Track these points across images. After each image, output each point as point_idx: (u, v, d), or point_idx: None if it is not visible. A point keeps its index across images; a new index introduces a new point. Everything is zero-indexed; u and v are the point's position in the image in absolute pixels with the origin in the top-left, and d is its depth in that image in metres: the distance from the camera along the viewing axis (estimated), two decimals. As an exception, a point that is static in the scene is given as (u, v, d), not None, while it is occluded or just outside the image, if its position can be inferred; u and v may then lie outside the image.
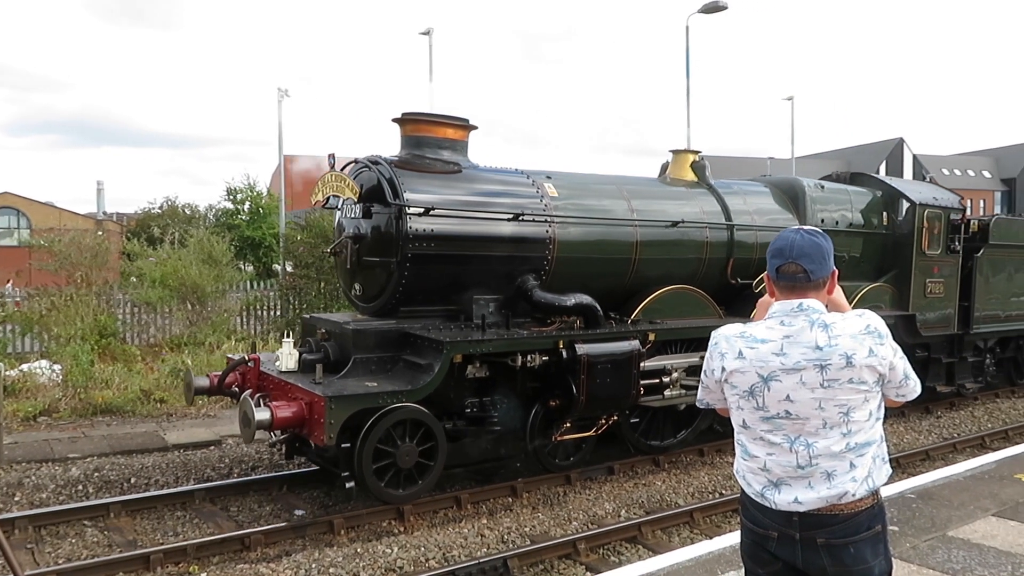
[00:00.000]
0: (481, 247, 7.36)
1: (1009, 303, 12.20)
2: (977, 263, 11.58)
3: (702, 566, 4.61)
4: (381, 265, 7.17)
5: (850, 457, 2.39)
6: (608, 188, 8.48)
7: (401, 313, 7.30)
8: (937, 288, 10.96)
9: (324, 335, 7.28)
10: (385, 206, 7.08)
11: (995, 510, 5.61)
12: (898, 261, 10.70)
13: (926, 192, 11.22)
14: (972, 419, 11.20)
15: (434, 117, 7.61)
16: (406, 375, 6.76)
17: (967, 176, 71.17)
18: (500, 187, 7.68)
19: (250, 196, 24.46)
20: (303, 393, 6.29)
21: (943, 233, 10.94)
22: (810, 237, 2.50)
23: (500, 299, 7.50)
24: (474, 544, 6.14)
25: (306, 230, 15.53)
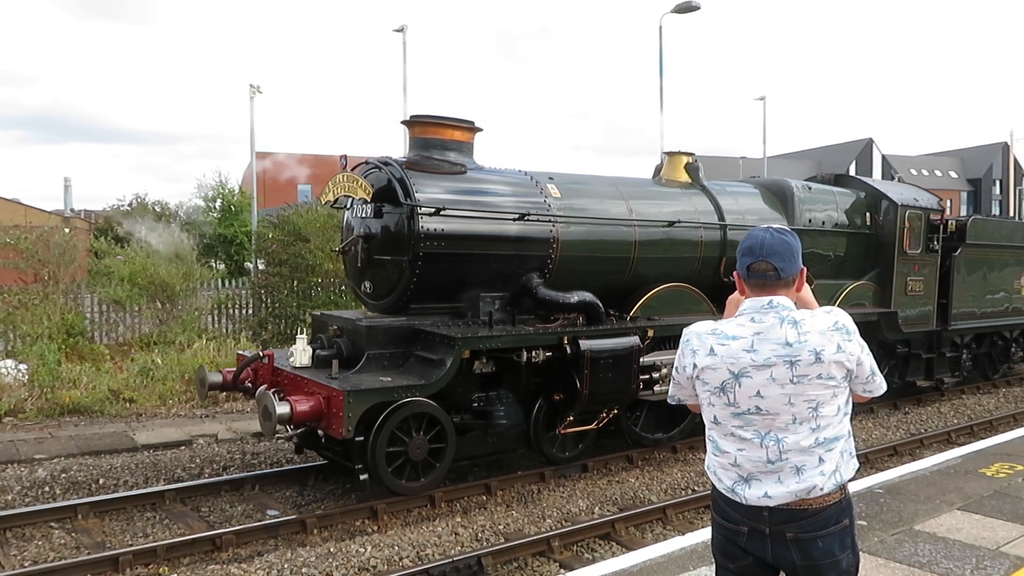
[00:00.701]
0: (488, 246, 7.58)
1: (984, 300, 12.59)
2: (955, 262, 11.91)
3: (674, 562, 4.64)
4: (392, 263, 7.37)
5: (819, 452, 2.43)
6: (607, 189, 8.73)
7: (411, 310, 7.50)
8: (917, 286, 11.34)
9: (336, 331, 7.46)
10: (395, 206, 7.26)
11: (960, 504, 5.71)
12: (881, 260, 11.04)
13: (907, 193, 11.56)
14: (939, 415, 11.41)
15: (442, 119, 7.77)
16: (417, 370, 6.95)
17: (934, 176, 72.35)
18: (505, 188, 7.90)
19: (222, 193, 24.19)
20: (320, 388, 6.44)
21: (923, 233, 11.31)
22: (779, 236, 2.53)
23: (505, 296, 7.73)
24: (448, 543, 6.13)
25: (279, 228, 15.38)
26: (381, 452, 6.47)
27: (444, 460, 6.88)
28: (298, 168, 52.10)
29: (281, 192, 43.59)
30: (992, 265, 12.73)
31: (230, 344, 12.44)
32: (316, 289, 14.63)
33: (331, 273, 14.38)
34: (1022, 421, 10.62)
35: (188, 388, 11.06)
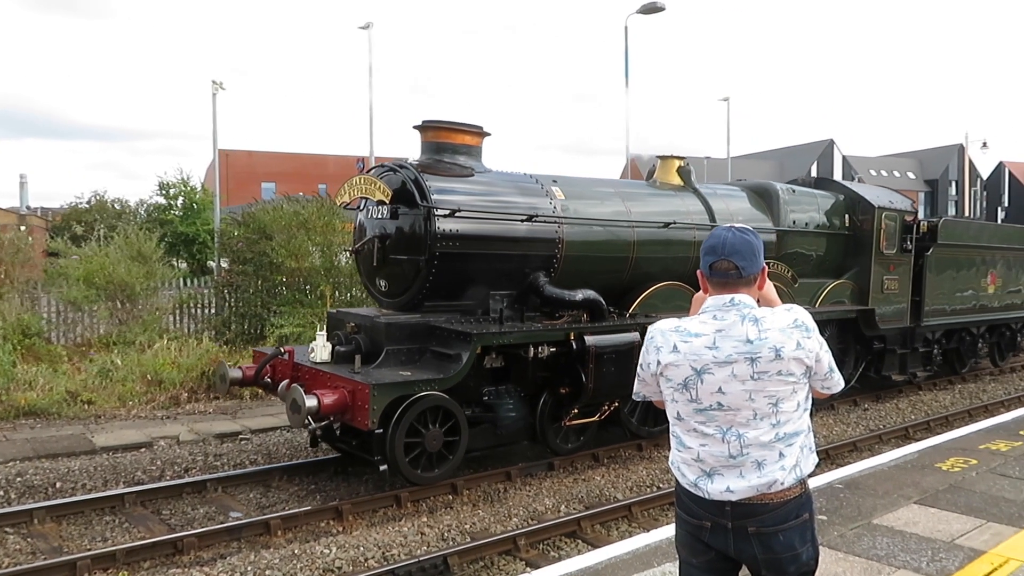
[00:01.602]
0: (499, 246, 7.91)
1: (954, 298, 13.11)
2: (927, 261, 12.39)
3: (639, 558, 4.68)
4: (408, 262, 7.66)
5: (779, 447, 2.46)
6: (607, 191, 9.16)
7: (425, 307, 7.78)
8: (893, 285, 11.82)
9: (354, 328, 7.72)
10: (411, 207, 7.55)
11: (917, 498, 5.83)
12: (859, 259, 11.53)
13: (883, 196, 12.08)
14: (897, 411, 11.64)
15: (453, 124, 8.11)
16: (434, 365, 7.25)
17: (893, 177, 73.80)
18: (514, 190, 8.23)
19: (183, 191, 23.81)
20: (345, 382, 6.70)
21: (898, 234, 11.80)
22: (741, 235, 2.56)
23: (513, 294, 8.03)
24: (414, 542, 6.11)
25: (243, 226, 15.17)
26: (400, 443, 6.73)
27: (458, 451, 7.14)
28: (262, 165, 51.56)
29: (245, 189, 43.09)
30: (961, 264, 13.24)
31: (192, 344, 12.23)
32: (281, 288, 14.47)
33: (297, 272, 14.23)
34: (976, 417, 10.87)
35: (149, 389, 10.88)
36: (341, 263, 14.84)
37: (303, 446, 8.99)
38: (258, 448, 8.85)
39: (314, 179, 52.01)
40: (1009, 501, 5.75)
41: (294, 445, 9.00)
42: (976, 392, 13.30)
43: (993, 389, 13.62)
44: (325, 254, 14.44)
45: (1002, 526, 5.22)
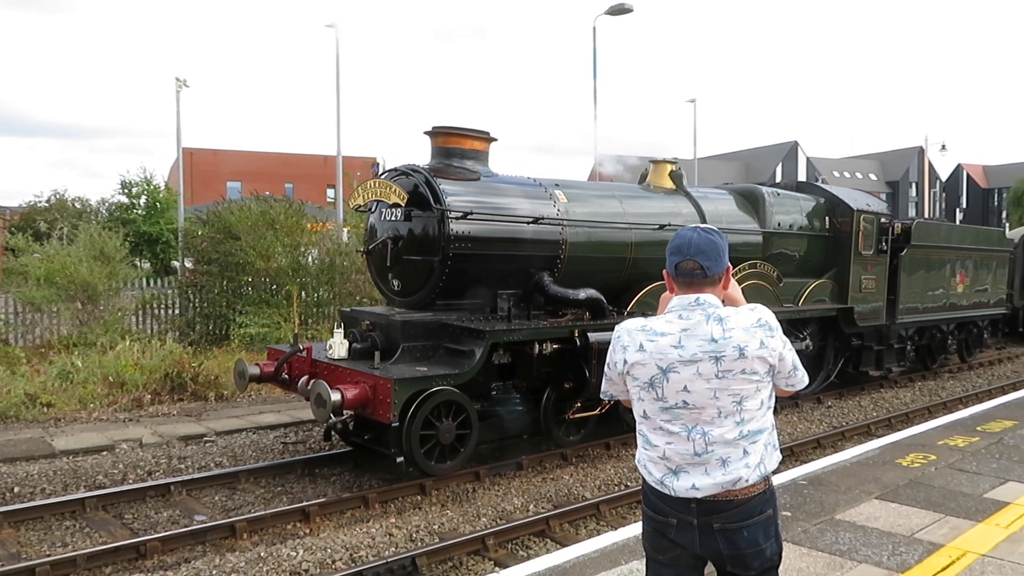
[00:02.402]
0: (507, 247, 8.25)
1: (926, 297, 13.68)
2: (901, 262, 12.90)
3: (607, 556, 4.70)
4: (422, 263, 7.97)
5: (743, 444, 2.50)
6: (606, 195, 9.54)
7: (437, 306, 8.10)
8: (870, 284, 12.31)
9: (369, 326, 7.97)
10: (424, 210, 7.85)
11: (878, 493, 5.94)
12: (838, 260, 11.99)
13: (861, 199, 12.55)
14: (859, 408, 11.84)
15: (462, 130, 8.41)
16: (447, 361, 7.56)
17: (855, 178, 75.08)
18: (520, 194, 8.55)
19: (146, 190, 23.41)
20: (366, 377, 6.97)
21: (875, 235, 12.29)
22: (706, 235, 2.59)
23: (519, 293, 8.35)
24: (382, 544, 6.08)
25: (208, 225, 14.98)
26: (416, 436, 6.97)
27: (469, 444, 7.41)
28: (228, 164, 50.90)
29: (210, 189, 42.52)
30: (932, 265, 13.81)
31: (155, 345, 12.04)
32: (247, 288, 14.31)
33: (264, 272, 14.08)
34: (936, 413, 11.10)
35: (111, 391, 10.69)
36: (308, 263, 14.73)
37: (270, 447, 8.91)
38: (223, 450, 8.74)
39: (281, 178, 51.49)
40: (966, 496, 5.89)
41: (260, 447, 8.91)
42: (935, 389, 13.58)
43: (952, 386, 13.92)
44: (292, 254, 14.31)
45: (960, 520, 5.34)
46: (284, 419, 10.09)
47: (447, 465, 7.33)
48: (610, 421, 9.03)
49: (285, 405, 11.03)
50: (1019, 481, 6.26)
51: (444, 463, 7.28)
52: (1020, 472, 6.53)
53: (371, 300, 14.76)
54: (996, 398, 10.85)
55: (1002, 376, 15.19)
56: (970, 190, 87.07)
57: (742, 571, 2.57)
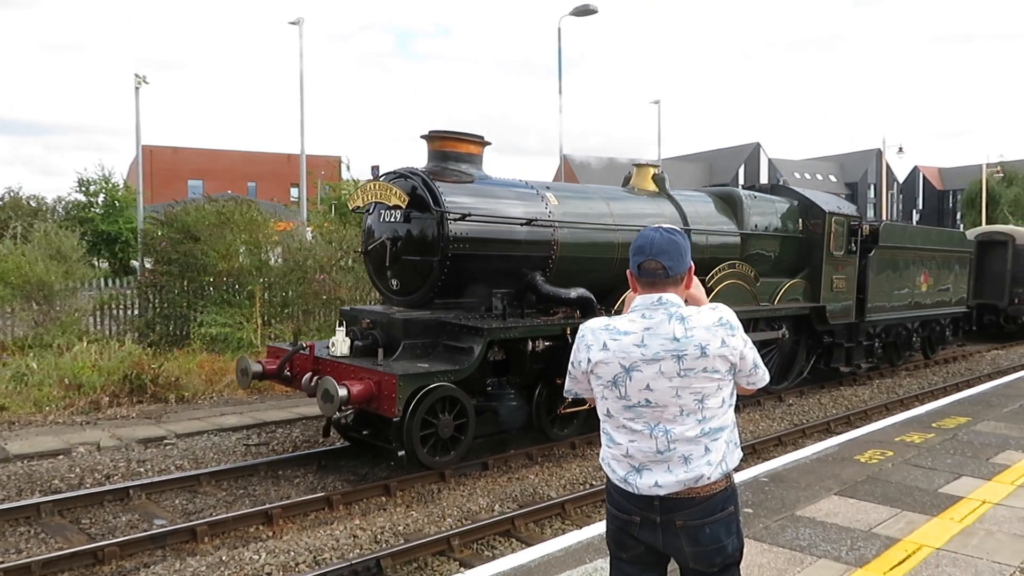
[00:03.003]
0: (502, 248, 8.53)
1: (893, 296, 14.26)
2: (869, 262, 13.43)
3: (572, 555, 4.72)
4: (422, 263, 8.21)
5: (705, 441, 2.52)
6: (593, 197, 9.87)
7: (435, 304, 8.36)
8: (841, 283, 12.81)
9: (369, 324, 8.12)
10: (423, 212, 8.09)
11: (837, 489, 6.04)
12: (811, 260, 12.45)
13: (832, 202, 13.17)
14: (819, 406, 12.04)
15: (458, 135, 8.70)
16: (446, 357, 7.79)
17: (816, 180, 76.31)
18: (514, 196, 8.87)
19: (105, 188, 22.93)
20: (370, 373, 7.17)
21: (845, 236, 12.78)
22: (668, 236, 2.61)
23: (512, 292, 8.60)
24: (346, 545, 6.03)
25: (168, 225, 14.71)
26: (417, 431, 7.21)
27: (466, 438, 7.67)
28: (189, 162, 50.12)
29: (171, 187, 41.82)
30: (898, 265, 14.38)
31: (114, 346, 11.80)
32: (208, 288, 14.09)
33: (225, 272, 13.88)
34: (893, 410, 11.32)
35: (67, 394, 10.45)
36: (272, 262, 14.56)
37: (232, 449, 8.79)
38: (184, 453, 8.61)
39: (244, 177, 50.86)
40: (922, 491, 6.02)
41: (222, 449, 8.79)
42: (893, 387, 13.87)
43: (909, 384, 14.23)
44: (253, 253, 14.13)
45: (915, 514, 5.45)
46: (246, 421, 9.96)
47: (446, 459, 7.56)
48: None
49: (247, 407, 10.89)
50: (972, 476, 6.42)
51: (442, 457, 7.53)
52: (973, 467, 6.69)
53: (339, 300, 14.65)
54: (951, 395, 11.11)
55: (956, 374, 15.57)
56: (926, 192, 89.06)
57: (704, 567, 2.59)
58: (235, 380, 11.70)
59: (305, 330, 14.06)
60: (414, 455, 7.30)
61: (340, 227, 16.23)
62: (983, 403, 9.74)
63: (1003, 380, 12.06)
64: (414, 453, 7.28)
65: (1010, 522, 5.29)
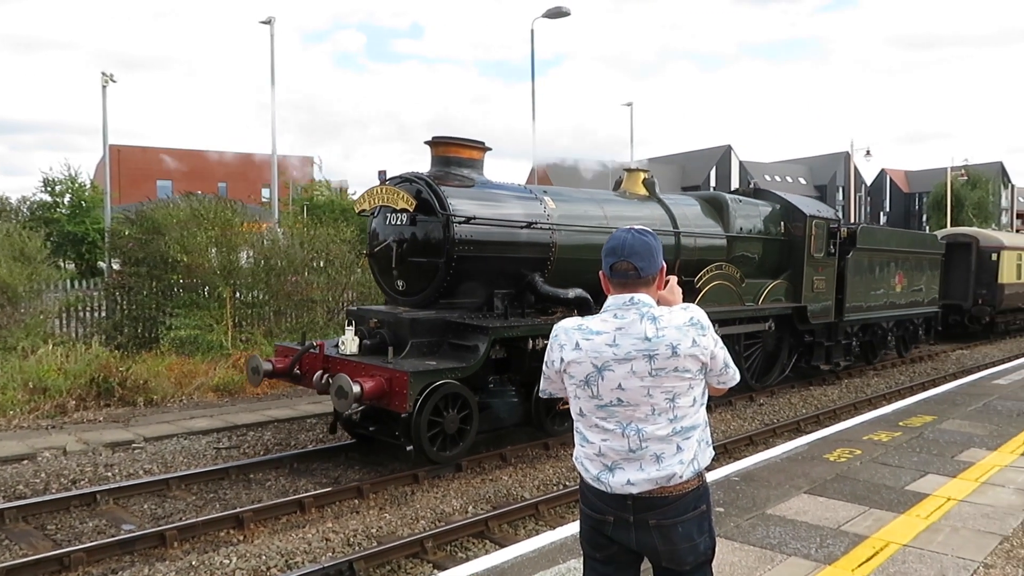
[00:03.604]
0: (504, 250, 8.76)
1: (869, 296, 14.77)
2: (847, 263, 13.89)
3: (545, 556, 4.73)
4: (428, 264, 8.46)
5: (676, 440, 2.54)
6: (588, 201, 10.21)
7: (440, 304, 8.59)
8: (821, 284, 13.29)
9: (377, 324, 8.40)
10: (429, 215, 8.34)
11: (807, 488, 6.12)
12: (792, 262, 12.89)
13: (812, 206, 13.68)
14: (789, 406, 12.18)
15: (461, 140, 9.01)
16: (452, 355, 8.03)
17: (786, 182, 77.16)
18: (514, 200, 9.15)
19: (71, 188, 22.54)
20: (382, 371, 7.39)
21: (825, 239, 13.24)
22: (640, 237, 2.64)
23: (513, 292, 8.89)
24: (318, 549, 5.99)
25: (136, 225, 14.49)
26: (424, 426, 7.45)
27: (470, 433, 7.93)
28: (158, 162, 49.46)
29: (139, 187, 41.24)
30: (875, 266, 14.87)
31: (80, 349, 11.59)
32: (177, 290, 13.91)
33: (193, 272, 13.70)
34: (861, 409, 11.49)
35: (32, 398, 10.26)
36: (241, 263, 14.39)
37: (202, 453, 8.69)
38: (153, 457, 8.49)
39: (214, 177, 50.25)
40: (889, 488, 6.12)
41: (192, 453, 8.69)
42: (861, 387, 14.08)
43: (876, 383, 14.45)
44: (224, 253, 13.96)
45: (883, 512, 5.54)
46: (217, 424, 9.85)
47: (451, 453, 7.84)
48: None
49: (217, 410, 10.78)
50: (938, 474, 6.54)
51: (448, 451, 7.81)
52: (939, 465, 6.81)
53: (311, 301, 14.54)
54: (917, 394, 11.30)
55: (922, 373, 15.85)
56: (893, 194, 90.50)
57: (677, 566, 2.61)
58: (204, 383, 11.66)
59: (276, 331, 13.93)
60: (421, 450, 7.52)
61: (312, 227, 16.10)
62: (948, 402, 9.92)
63: (967, 379, 12.30)
64: (421, 448, 7.50)
65: (974, 518, 5.40)
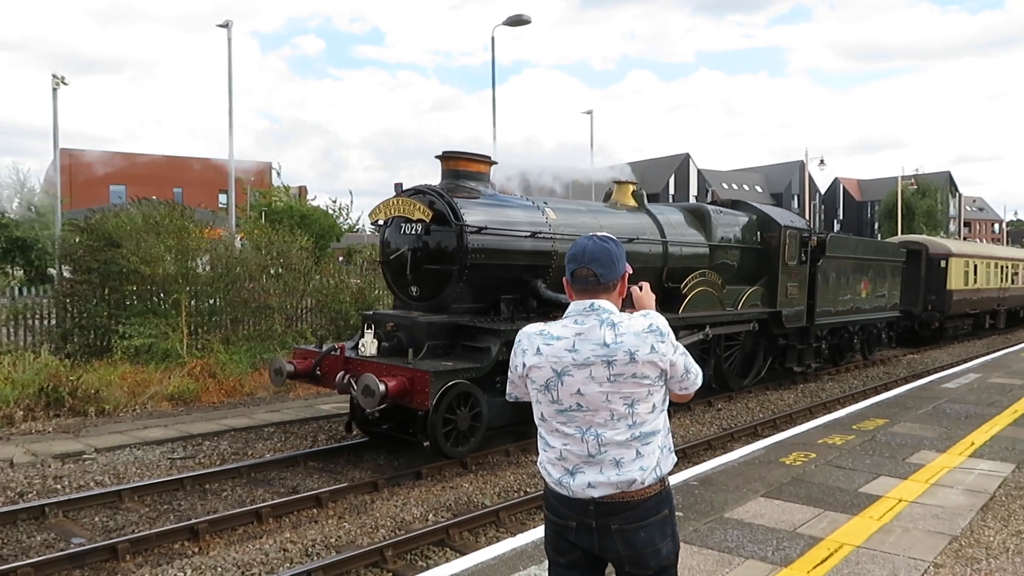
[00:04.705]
0: (511, 258, 9.27)
1: (838, 301, 15.63)
2: (818, 270, 14.70)
3: (505, 563, 4.72)
4: (442, 271, 8.96)
5: (636, 446, 2.56)
6: (585, 212, 10.89)
7: (451, 309, 9.06)
8: (794, 290, 14.11)
9: (393, 327, 8.87)
10: (443, 225, 8.81)
11: (764, 491, 6.21)
12: (768, 269, 13.62)
13: (786, 217, 14.50)
14: (747, 410, 12.35)
15: (470, 155, 9.60)
16: (465, 356, 8.48)
17: (742, 190, 78.41)
18: (519, 211, 9.69)
19: (20, 193, 21.92)
20: (403, 371, 7.87)
21: (797, 247, 14.07)
22: (601, 244, 2.66)
23: (517, 297, 9.32)
24: (276, 560, 5.89)
25: (87, 232, 14.14)
26: (440, 423, 7.94)
27: (480, 429, 8.39)
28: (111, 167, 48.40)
29: (92, 192, 40.33)
30: (842, 273, 15.70)
31: (28, 358, 11.27)
32: (131, 298, 13.61)
33: (149, 280, 13.41)
34: (816, 413, 11.70)
35: (-23, 408, 9.95)
36: (198, 269, 14.14)
37: (156, 463, 8.51)
38: (104, 468, 8.29)
39: (170, 182, 49.36)
40: (843, 491, 6.23)
41: (145, 463, 8.50)
42: (816, 391, 14.34)
43: (831, 388, 14.74)
44: (180, 260, 13.70)
45: (837, 514, 5.64)
46: (171, 434, 9.66)
47: (463, 448, 8.32)
48: None
49: (172, 419, 10.57)
50: (890, 476, 6.69)
51: (460, 447, 8.28)
52: (891, 467, 6.97)
53: (269, 308, 14.34)
54: (870, 398, 11.55)
55: (875, 377, 16.21)
56: (846, 202, 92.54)
57: (640, 571, 2.62)
58: (158, 392, 11.43)
59: (233, 339, 13.71)
60: (437, 445, 7.99)
61: (271, 234, 15.90)
62: (900, 405, 10.16)
63: (918, 383, 12.61)
64: (437, 443, 7.96)
65: (925, 519, 5.53)
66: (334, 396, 12.52)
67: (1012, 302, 28.37)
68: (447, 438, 8.07)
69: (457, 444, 8.22)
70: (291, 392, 12.68)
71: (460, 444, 8.26)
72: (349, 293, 15.78)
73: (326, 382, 8.70)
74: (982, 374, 13.27)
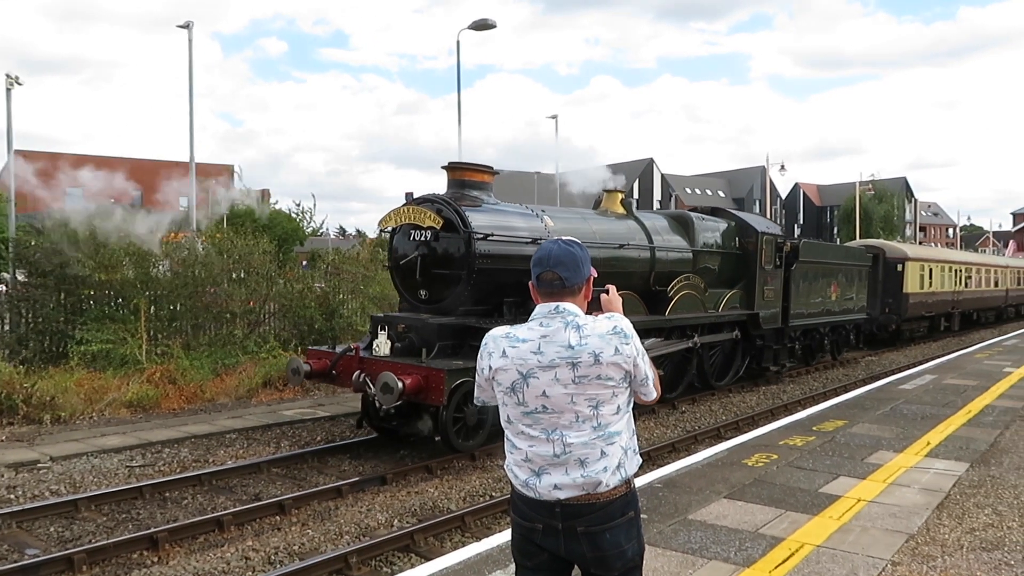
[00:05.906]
0: (513, 263, 9.52)
1: (810, 304, 16.30)
2: (792, 274, 15.34)
3: (471, 568, 4.71)
4: (451, 276, 9.42)
5: (600, 445, 2.57)
6: (579, 219, 11.41)
7: (459, 312, 9.45)
8: (771, 294, 14.72)
9: (404, 328, 9.25)
10: (451, 232, 9.28)
11: (727, 493, 6.28)
12: (746, 273, 14.25)
13: (762, 223, 15.07)
14: (710, 413, 12.48)
15: (474, 166, 10.18)
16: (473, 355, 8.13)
17: (706, 195, 79.35)
18: (520, 219, 10.23)
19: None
20: (416, 369, 8.30)
21: (773, 252, 14.71)
22: (566, 247, 2.67)
23: (518, 300, 9.55)
24: (238, 568, 5.81)
25: (43, 235, 13.81)
26: (451, 419, 8.50)
27: (487, 425, 8.94)
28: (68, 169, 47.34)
29: (48, 196, 39.34)
30: (814, 277, 16.37)
31: (-19, 365, 10.97)
32: (89, 303, 13.32)
33: (107, 285, 13.14)
34: (778, 415, 11.87)
35: (-74, 417, 9.65)
36: (159, 274, 13.89)
37: (113, 472, 8.34)
38: (60, 477, 8.10)
39: (129, 185, 48.39)
40: (804, 491, 6.33)
41: (102, 472, 8.32)
42: (778, 393, 14.54)
43: (792, 390, 14.96)
44: (139, 265, 13.45)
45: (798, 514, 5.73)
46: (130, 441, 9.48)
47: (472, 443, 8.88)
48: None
49: (131, 426, 10.36)
50: (849, 476, 6.80)
51: (470, 441, 8.85)
52: (850, 467, 7.09)
53: (231, 314, 14.13)
54: (830, 399, 11.74)
55: (834, 379, 16.50)
56: (806, 207, 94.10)
57: (605, 573, 2.63)
58: (116, 399, 11.21)
59: (195, 344, 13.49)
60: (448, 440, 8.51)
61: (232, 238, 15.67)
62: (858, 407, 10.35)
63: (876, 384, 12.86)
64: (448, 438, 8.49)
65: (882, 518, 5.63)
66: (297, 402, 12.40)
67: (966, 305, 29.09)
68: (457, 434, 8.58)
69: (467, 439, 8.79)
70: (253, 398, 12.52)
71: (469, 439, 8.82)
72: (313, 298, 15.62)
73: (342, 381, 9.12)
74: (937, 375, 13.58)
